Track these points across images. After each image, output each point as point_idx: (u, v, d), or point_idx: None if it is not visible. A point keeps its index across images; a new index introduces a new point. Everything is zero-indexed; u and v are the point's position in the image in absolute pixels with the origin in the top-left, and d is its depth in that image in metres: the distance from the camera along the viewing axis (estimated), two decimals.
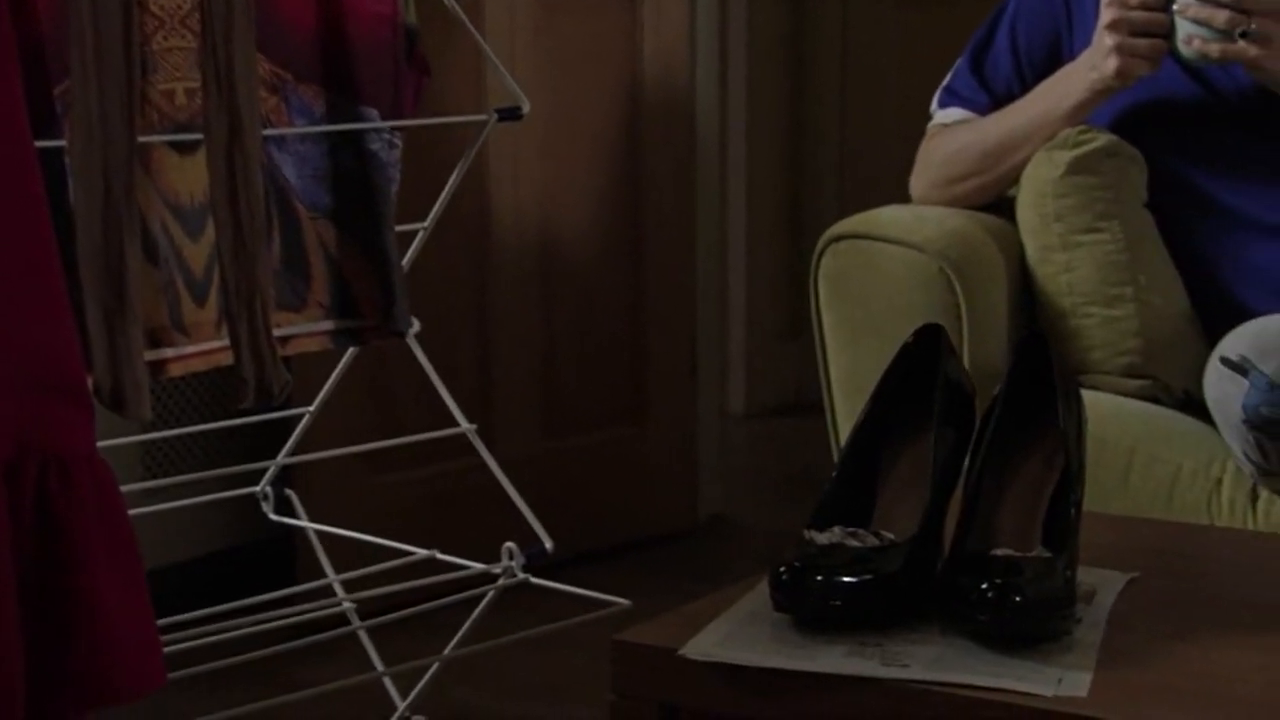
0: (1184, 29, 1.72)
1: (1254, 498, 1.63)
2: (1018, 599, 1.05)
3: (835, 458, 1.91)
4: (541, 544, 1.55)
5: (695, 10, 2.87)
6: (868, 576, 1.09)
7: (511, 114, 1.52)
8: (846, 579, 1.09)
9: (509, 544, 1.56)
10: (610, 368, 2.81)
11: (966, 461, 1.18)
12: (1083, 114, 1.81)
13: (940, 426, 1.16)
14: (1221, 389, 1.55)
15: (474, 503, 2.44)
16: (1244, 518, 1.62)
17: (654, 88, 2.79)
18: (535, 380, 2.71)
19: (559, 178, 2.69)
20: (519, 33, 2.61)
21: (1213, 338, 1.81)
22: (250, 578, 2.11)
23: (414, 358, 1.64)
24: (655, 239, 2.82)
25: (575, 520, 2.70)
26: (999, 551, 1.10)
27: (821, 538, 1.13)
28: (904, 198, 3.84)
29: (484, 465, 1.63)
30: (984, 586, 1.05)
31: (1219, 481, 1.65)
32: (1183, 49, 1.73)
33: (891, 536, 1.13)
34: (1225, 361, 1.55)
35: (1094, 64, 1.77)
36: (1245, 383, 1.52)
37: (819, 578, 1.09)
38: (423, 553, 1.64)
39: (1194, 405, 1.77)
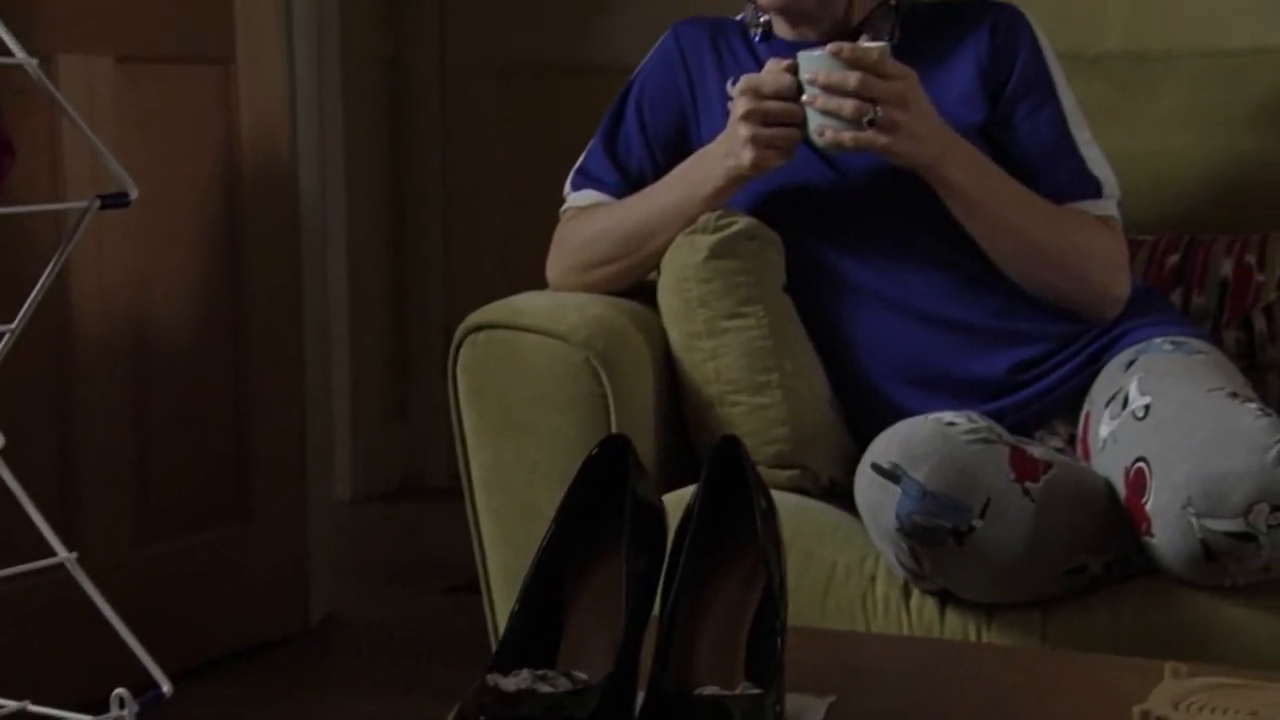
0: (815, 120, 1.70)
1: (906, 594, 1.59)
2: None
3: (479, 556, 1.78)
4: (158, 688, 1.35)
5: (294, 77, 2.71)
6: None
7: (118, 201, 1.33)
8: None
9: (119, 691, 1.36)
10: (212, 461, 2.59)
11: (660, 585, 1.07)
12: (720, 199, 1.77)
13: (630, 549, 1.05)
14: (874, 496, 1.51)
15: (66, 625, 2.19)
16: (898, 615, 1.58)
17: (254, 160, 2.60)
18: (127, 482, 2.46)
19: (152, 261, 2.46)
20: (99, 101, 2.38)
21: (853, 423, 1.79)
22: None
23: None
24: (259, 321, 2.63)
25: (179, 631, 2.48)
26: (704, 690, 0.99)
27: (507, 683, 0.99)
28: (512, 272, 3.76)
29: (72, 579, 1.41)
30: None
31: (873, 579, 1.60)
32: (816, 139, 1.70)
33: (584, 677, 1.01)
34: (876, 468, 1.50)
35: (729, 152, 1.73)
36: (897, 490, 1.48)
37: None
38: (11, 705, 1.41)
39: (838, 494, 1.73)
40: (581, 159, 1.90)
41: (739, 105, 1.71)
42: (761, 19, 1.86)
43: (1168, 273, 1.97)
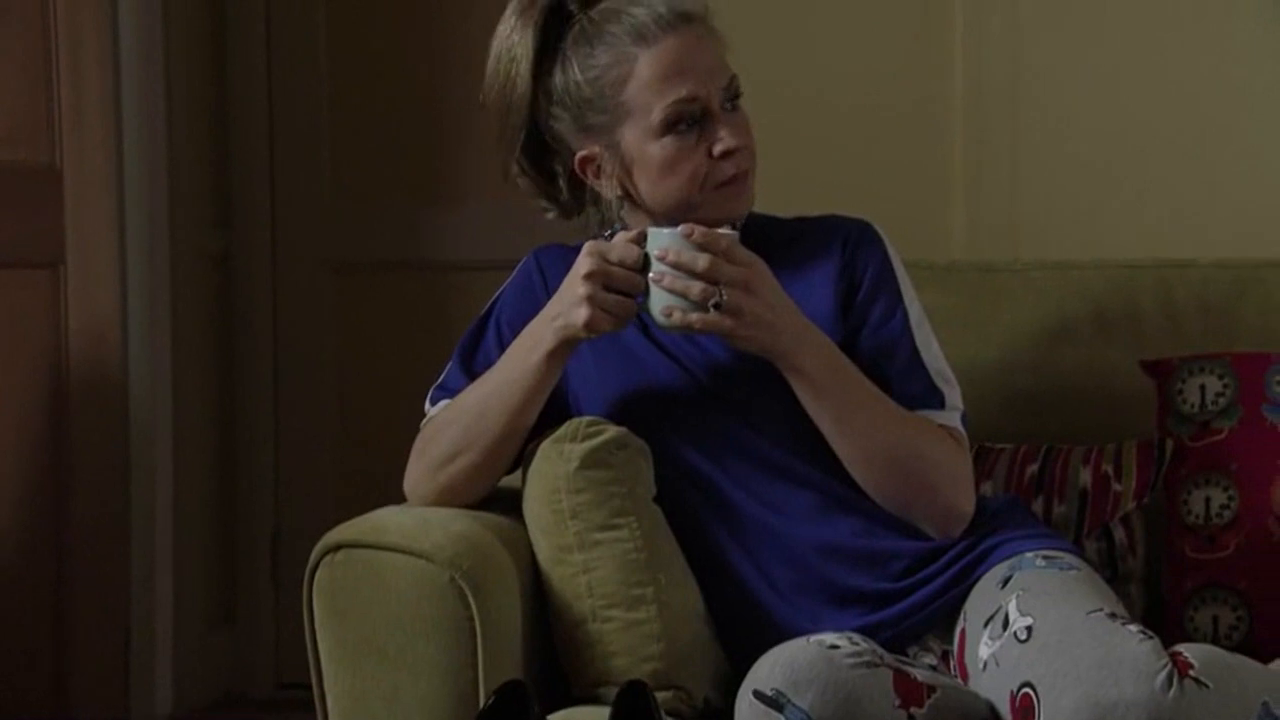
0: (662, 299, 1.68)
1: None
2: None
3: None
4: None
5: (126, 276, 2.63)
6: None
7: None
8: None
9: None
10: (27, 682, 2.44)
11: None
12: (555, 364, 1.72)
13: None
14: None
15: None
16: None
17: (82, 364, 2.51)
18: None
19: None
20: None
21: (725, 639, 1.74)
22: None
23: None
24: (83, 531, 2.52)
25: None
26: None
27: None
28: (345, 475, 3.65)
29: None
30: None
31: None
32: (662, 320, 1.69)
33: None
34: (759, 695, 1.45)
35: (561, 311, 1.70)
36: (781, 718, 1.43)
37: None
38: None
39: (712, 715, 1.68)
40: (441, 377, 1.86)
41: (583, 264, 1.69)
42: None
43: (1028, 482, 1.98)
